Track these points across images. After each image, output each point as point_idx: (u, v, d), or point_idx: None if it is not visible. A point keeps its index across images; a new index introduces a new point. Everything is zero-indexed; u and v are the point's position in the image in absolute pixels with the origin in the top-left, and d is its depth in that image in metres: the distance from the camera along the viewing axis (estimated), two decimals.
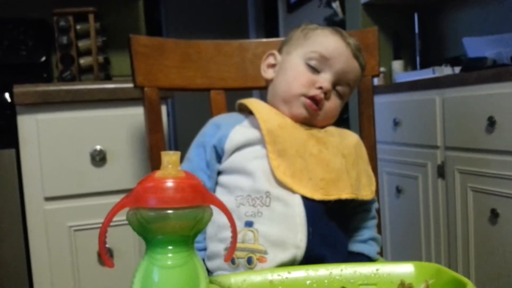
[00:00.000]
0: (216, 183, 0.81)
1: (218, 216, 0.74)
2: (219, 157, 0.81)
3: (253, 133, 0.79)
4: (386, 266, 0.61)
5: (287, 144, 0.76)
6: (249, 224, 0.73)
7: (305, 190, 0.74)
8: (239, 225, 0.72)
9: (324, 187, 0.75)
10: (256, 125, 0.80)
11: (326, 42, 0.82)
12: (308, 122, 0.82)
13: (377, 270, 0.60)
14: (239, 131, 0.80)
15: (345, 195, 0.75)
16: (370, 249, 0.81)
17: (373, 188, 0.83)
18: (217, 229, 0.75)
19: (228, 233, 0.71)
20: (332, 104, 0.82)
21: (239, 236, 0.72)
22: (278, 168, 0.75)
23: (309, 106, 0.80)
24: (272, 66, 0.87)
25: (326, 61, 0.81)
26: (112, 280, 1.29)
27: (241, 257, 0.72)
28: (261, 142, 0.77)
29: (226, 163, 0.79)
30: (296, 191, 0.74)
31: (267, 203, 0.73)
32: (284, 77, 0.83)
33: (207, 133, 0.83)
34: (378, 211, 0.88)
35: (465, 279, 0.51)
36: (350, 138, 0.85)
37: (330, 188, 0.75)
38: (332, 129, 0.85)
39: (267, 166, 0.75)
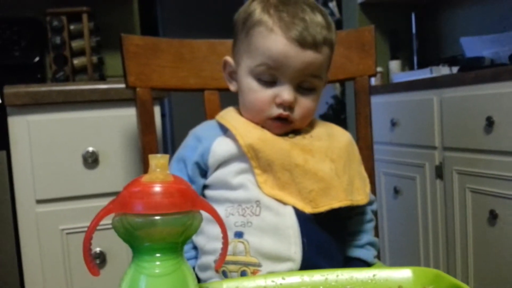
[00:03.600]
0: (203, 197, 0.78)
1: (207, 227, 0.72)
2: (203, 172, 0.77)
3: (235, 147, 0.75)
4: (383, 271, 0.59)
5: (270, 158, 0.72)
6: (239, 234, 0.70)
7: (296, 202, 0.72)
8: (229, 235, 0.69)
9: (314, 198, 0.72)
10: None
11: (267, 49, 0.72)
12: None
13: (374, 275, 0.59)
14: (220, 144, 0.76)
15: (337, 203, 0.72)
16: (367, 253, 0.79)
17: (367, 190, 0.80)
18: (206, 240, 0.73)
19: (218, 244, 0.69)
20: (305, 103, 0.76)
21: (230, 248, 0.69)
22: (266, 183, 0.72)
23: (277, 126, 0.76)
24: (233, 72, 0.81)
25: (276, 70, 0.73)
26: (105, 284, 1.27)
27: (233, 271, 0.69)
28: (245, 156, 0.74)
29: (212, 178, 0.76)
30: (287, 203, 0.72)
31: (257, 213, 0.71)
32: (242, 98, 0.78)
33: (188, 146, 0.79)
34: (375, 212, 0.86)
35: (464, 286, 0.49)
36: (341, 138, 0.81)
37: (320, 199, 0.72)
38: (319, 130, 0.80)
39: (254, 179, 0.73)
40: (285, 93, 0.73)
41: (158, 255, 0.45)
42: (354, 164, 0.80)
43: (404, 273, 0.58)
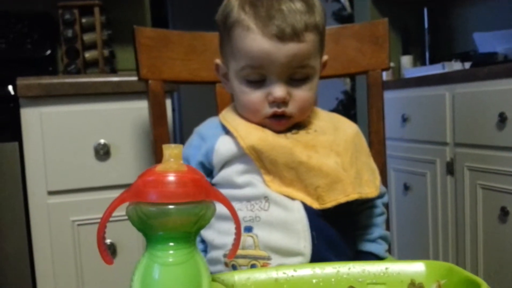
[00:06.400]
0: None
1: (217, 222, 0.72)
2: (208, 171, 0.77)
3: (238, 146, 0.74)
4: (396, 265, 0.59)
5: (273, 157, 0.71)
6: (248, 229, 0.70)
7: (304, 198, 0.71)
8: None
9: (321, 195, 0.71)
10: None
11: (248, 50, 0.70)
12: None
13: (386, 269, 0.58)
14: (224, 143, 0.75)
15: (344, 198, 0.71)
16: (379, 247, 0.79)
17: (377, 182, 0.78)
18: (216, 235, 0.73)
19: (227, 239, 0.70)
20: (300, 95, 0.73)
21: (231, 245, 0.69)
22: (273, 182, 0.72)
23: (276, 124, 0.74)
24: (226, 74, 0.79)
25: (262, 69, 0.71)
26: (115, 275, 1.28)
27: (243, 265, 0.69)
28: (248, 156, 0.73)
29: (217, 178, 0.76)
30: (295, 198, 0.71)
31: (266, 208, 0.71)
32: (237, 101, 0.78)
33: (192, 145, 0.79)
34: (387, 205, 0.84)
35: (479, 280, 0.48)
36: (347, 130, 0.79)
37: (327, 195, 0.71)
38: (324, 123, 0.79)
39: (260, 178, 0.73)
40: (276, 90, 0.71)
41: (171, 244, 0.45)
42: (362, 156, 0.79)
43: (417, 267, 0.57)
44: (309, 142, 0.74)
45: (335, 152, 0.74)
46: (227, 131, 0.77)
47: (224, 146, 0.75)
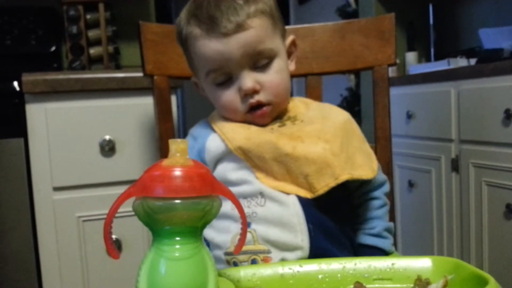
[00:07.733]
0: None
1: (214, 221, 0.72)
2: None
3: (227, 145, 0.75)
4: (402, 260, 0.58)
5: (260, 154, 0.72)
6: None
7: (298, 190, 0.72)
8: (236, 227, 0.70)
9: (311, 182, 0.71)
10: None
11: (202, 57, 0.74)
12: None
13: (392, 264, 0.58)
14: (214, 140, 0.77)
15: (334, 181, 0.71)
16: (384, 242, 0.78)
17: (374, 166, 0.77)
18: (216, 234, 0.74)
19: (226, 237, 0.71)
20: (269, 79, 0.75)
21: (236, 240, 0.69)
22: (266, 178, 0.73)
23: (257, 116, 0.76)
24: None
25: (223, 69, 0.74)
26: (121, 271, 1.29)
27: (244, 261, 0.70)
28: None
29: None
30: (289, 192, 0.72)
31: (262, 203, 0.71)
32: (216, 107, 0.80)
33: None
34: (388, 194, 0.82)
35: (486, 275, 0.48)
36: (336, 118, 0.78)
37: (317, 181, 0.71)
38: (314, 113, 0.79)
39: (253, 174, 0.73)
40: (243, 82, 0.73)
41: (178, 238, 0.45)
42: (354, 141, 0.78)
43: (424, 262, 0.57)
44: (294, 133, 0.74)
45: (323, 140, 0.73)
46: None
47: (214, 144, 0.76)
